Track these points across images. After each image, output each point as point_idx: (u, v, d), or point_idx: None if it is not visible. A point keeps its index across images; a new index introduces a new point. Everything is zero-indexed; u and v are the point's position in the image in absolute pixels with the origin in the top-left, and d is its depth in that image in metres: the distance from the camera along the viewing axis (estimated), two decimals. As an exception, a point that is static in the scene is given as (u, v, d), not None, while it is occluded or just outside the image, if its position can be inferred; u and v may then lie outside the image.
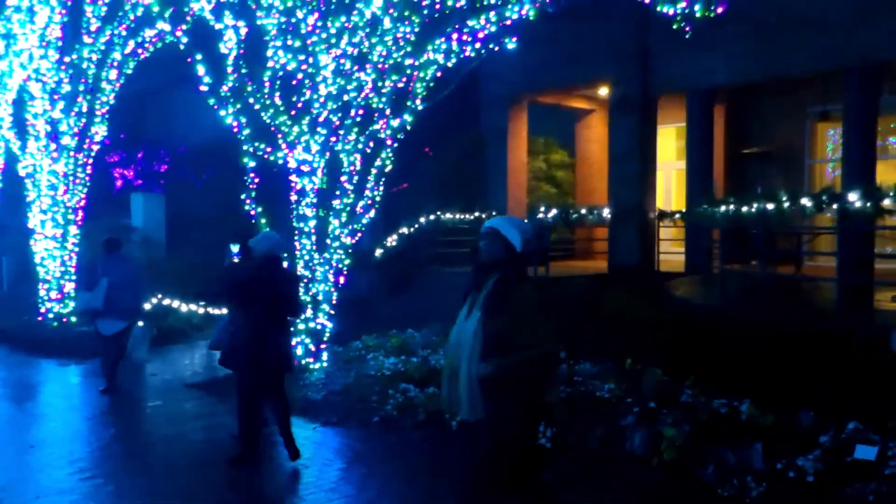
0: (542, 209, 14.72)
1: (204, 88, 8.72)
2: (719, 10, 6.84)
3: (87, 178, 13.29)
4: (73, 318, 12.55)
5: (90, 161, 13.31)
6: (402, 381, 8.09)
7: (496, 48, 8.55)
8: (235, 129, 8.92)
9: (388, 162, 9.12)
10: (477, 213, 15.45)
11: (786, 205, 8.80)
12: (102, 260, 8.95)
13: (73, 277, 12.99)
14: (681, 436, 5.88)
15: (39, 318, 12.91)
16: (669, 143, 17.31)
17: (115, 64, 12.85)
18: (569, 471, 5.81)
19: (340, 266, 9.23)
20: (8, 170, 14.91)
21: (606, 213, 15.22)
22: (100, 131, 13.20)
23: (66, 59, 12.69)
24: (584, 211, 15.35)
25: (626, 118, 14.92)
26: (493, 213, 15.72)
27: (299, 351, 9.04)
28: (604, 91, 16.22)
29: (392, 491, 5.87)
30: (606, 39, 14.72)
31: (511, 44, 8.47)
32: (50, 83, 12.67)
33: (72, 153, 12.98)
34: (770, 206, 9.02)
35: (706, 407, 6.42)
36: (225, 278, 6.66)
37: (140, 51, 12.84)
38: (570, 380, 7.42)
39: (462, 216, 15.35)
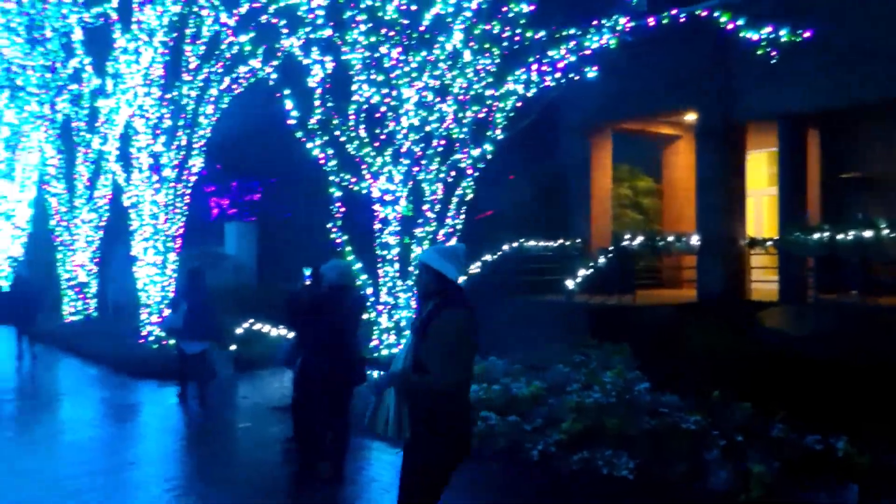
0: (628, 237, 14.51)
1: (292, 122, 9.07)
2: (805, 34, 6.66)
3: (185, 208, 13.96)
4: (171, 341, 13.15)
5: (188, 191, 13.99)
6: (483, 408, 8.08)
7: (576, 77, 8.57)
8: (322, 161, 9.22)
9: (469, 191, 9.23)
10: (560, 241, 15.38)
11: (885, 232, 8.40)
12: (185, 285, 9.55)
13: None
14: (770, 473, 5.66)
15: (140, 341, 13.56)
16: (761, 169, 16.79)
17: (212, 99, 13.53)
18: (650, 506, 5.69)
19: (422, 293, 9.36)
20: (114, 201, 15.86)
21: (695, 240, 14.86)
22: (197, 163, 13.88)
23: (168, 96, 13.44)
24: (671, 238, 15.02)
25: (712, 145, 14.59)
26: (577, 241, 15.62)
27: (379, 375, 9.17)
28: (690, 117, 15.94)
29: (470, 520, 5.87)
30: (688, 67, 14.48)
31: (591, 73, 8.48)
32: (152, 119, 13.43)
33: (171, 184, 13.68)
34: (868, 234, 8.64)
35: (797, 443, 6.16)
36: (292, 302, 7.11)
37: (234, 86, 13.50)
38: (655, 411, 7.25)
39: (546, 244, 15.30)
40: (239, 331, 11.32)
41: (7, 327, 13.67)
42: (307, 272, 7.38)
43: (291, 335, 7.53)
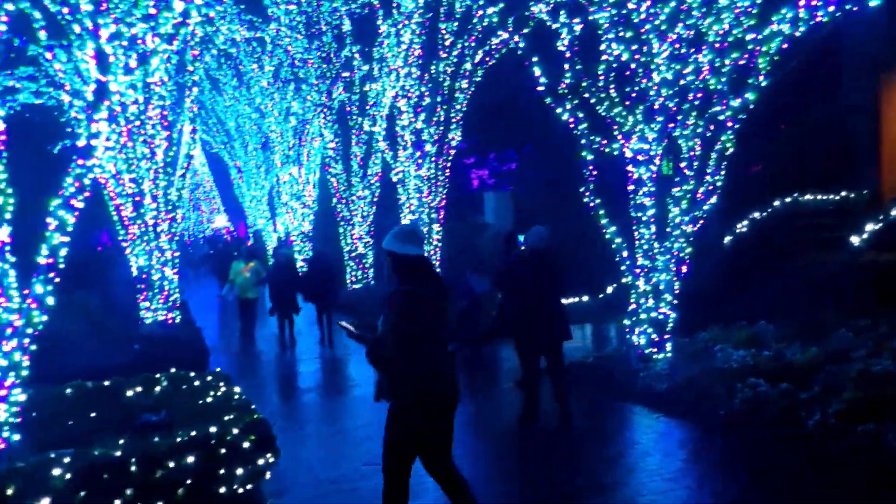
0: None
1: (541, 88, 9.11)
2: None
3: (446, 181, 14.72)
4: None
5: (448, 165, 14.72)
6: (751, 375, 7.62)
7: (855, 8, 7.60)
8: (572, 125, 9.18)
9: (729, 144, 8.65)
10: (844, 193, 13.84)
11: None
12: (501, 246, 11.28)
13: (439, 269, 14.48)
14: None
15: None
16: None
17: (467, 73, 14.05)
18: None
19: (682, 255, 9.00)
20: (383, 177, 17.19)
21: None
22: (456, 137, 14.54)
23: (426, 75, 14.20)
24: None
25: None
26: (864, 192, 13.96)
27: (641, 341, 9.03)
28: None
29: (736, 489, 5.62)
30: None
31: (874, 1, 7.46)
32: (413, 97, 14.29)
33: (433, 159, 14.48)
34: None
35: None
36: (500, 266, 8.08)
37: (487, 59, 13.89)
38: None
39: (823, 197, 13.87)
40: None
41: (308, 304, 13.67)
42: (521, 238, 8.22)
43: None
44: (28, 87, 16.58)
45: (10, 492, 4.50)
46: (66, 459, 4.85)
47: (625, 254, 9.18)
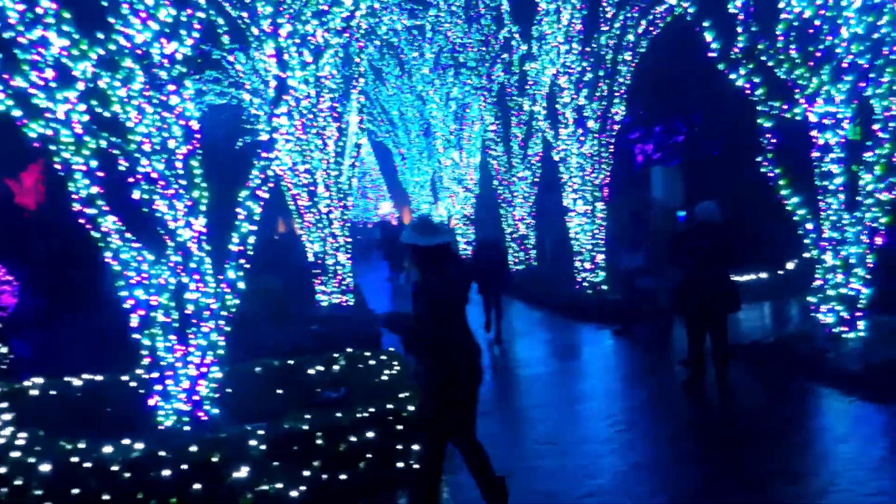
0: None
1: (713, 55, 8.61)
2: None
3: (609, 158, 14.33)
4: (605, 287, 13.73)
5: (612, 141, 14.32)
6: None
7: None
8: (748, 91, 8.62)
9: (934, 101, 7.78)
10: None
11: None
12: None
13: (603, 249, 14.17)
14: None
15: (576, 288, 14.43)
16: None
17: (630, 45, 13.58)
18: None
19: (877, 225, 8.23)
20: (544, 157, 17.02)
21: None
22: (619, 112, 14.11)
23: (587, 49, 13.86)
24: None
25: None
26: None
27: (829, 319, 8.37)
28: None
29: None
30: None
31: None
32: (575, 74, 14.00)
33: (596, 135, 14.14)
34: None
35: None
36: (670, 238, 8.17)
37: (651, 28, 13.34)
38: None
39: None
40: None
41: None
42: (681, 214, 7.87)
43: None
44: (213, 89, 17.95)
45: (214, 459, 4.91)
46: (261, 432, 5.21)
47: (809, 226, 8.53)
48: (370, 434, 5.42)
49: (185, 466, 4.83)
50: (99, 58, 5.70)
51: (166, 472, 4.78)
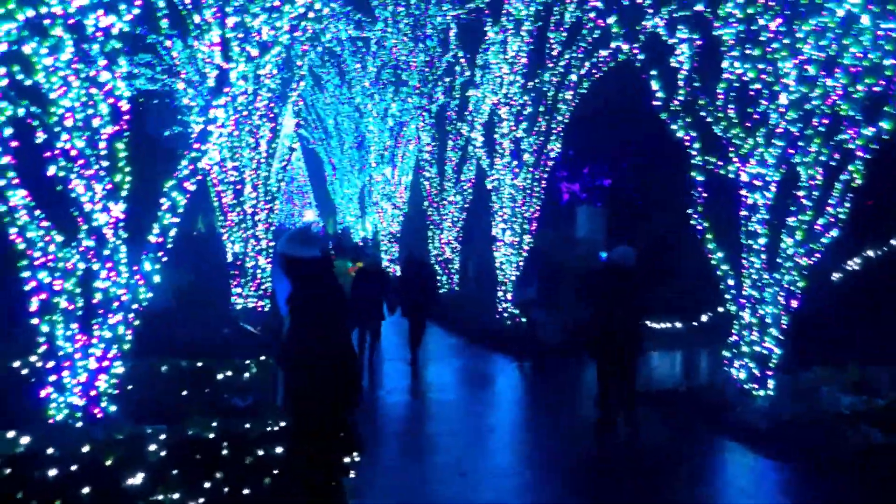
0: None
1: (657, 104, 8.79)
2: None
3: (541, 192, 14.46)
4: (523, 318, 13.77)
5: (545, 176, 14.47)
6: (864, 423, 7.13)
7: None
8: (687, 143, 8.82)
9: (857, 175, 8.13)
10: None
11: None
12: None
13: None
14: None
15: (496, 317, 14.42)
16: None
17: (572, 84, 13.79)
18: None
19: (793, 288, 8.52)
20: (477, 184, 17.07)
21: None
22: (555, 148, 14.28)
23: (530, 84, 14.00)
24: None
25: None
26: None
27: (742, 375, 8.58)
28: None
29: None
30: None
31: None
32: (515, 106, 14.11)
33: (530, 169, 14.26)
34: None
35: None
36: (583, 275, 8.84)
37: (594, 71, 13.60)
38: None
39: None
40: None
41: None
42: (603, 255, 8.70)
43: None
44: (145, 73, 17.25)
45: (108, 462, 4.56)
46: (162, 436, 4.88)
47: (731, 282, 8.75)
48: (279, 449, 5.16)
49: (74, 467, 4.47)
50: (27, 20, 5.32)
51: (52, 472, 4.40)
